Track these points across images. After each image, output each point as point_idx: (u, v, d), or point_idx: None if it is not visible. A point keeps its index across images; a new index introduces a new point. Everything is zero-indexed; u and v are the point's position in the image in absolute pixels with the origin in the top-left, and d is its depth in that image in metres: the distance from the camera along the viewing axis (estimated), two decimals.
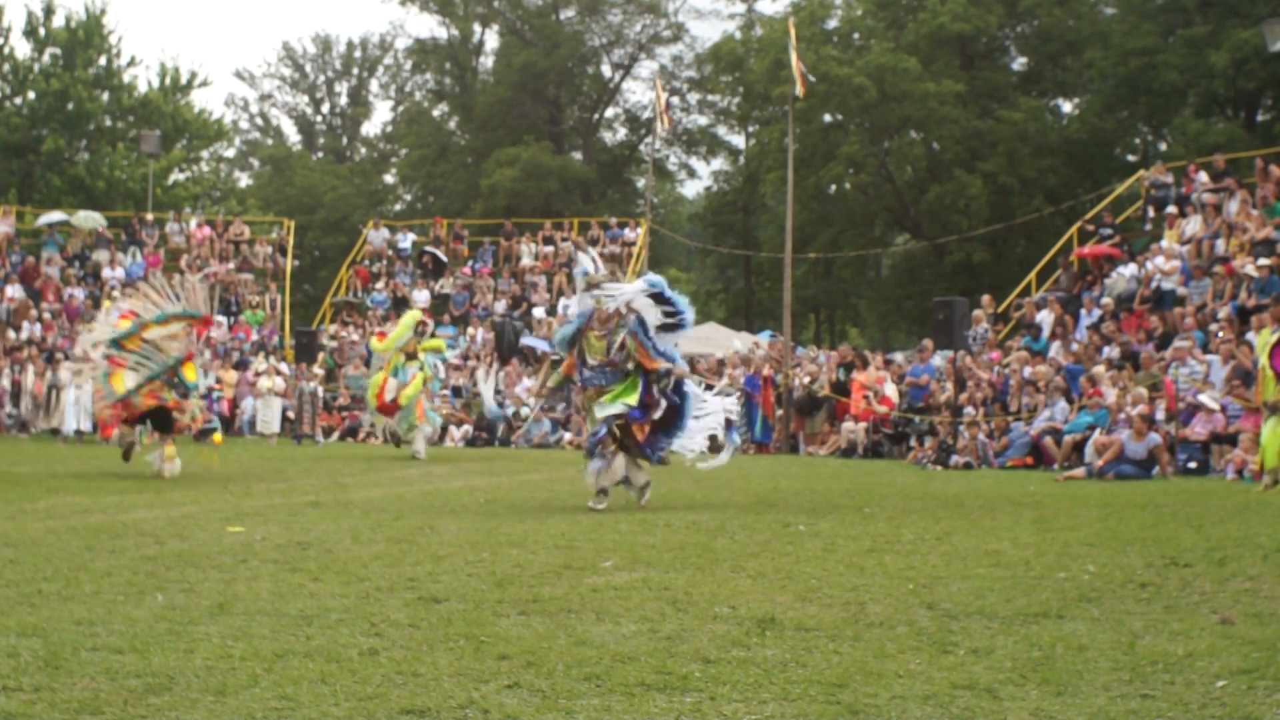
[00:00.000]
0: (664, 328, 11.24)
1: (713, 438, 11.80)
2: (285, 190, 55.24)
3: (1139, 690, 4.39)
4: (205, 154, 51.33)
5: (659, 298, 11.20)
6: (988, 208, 39.22)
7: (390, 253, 34.59)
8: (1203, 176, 23.67)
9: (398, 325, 20.19)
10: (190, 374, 15.38)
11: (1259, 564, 7.45)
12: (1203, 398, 17.09)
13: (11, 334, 29.28)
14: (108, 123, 45.37)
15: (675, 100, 53.52)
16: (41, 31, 44.28)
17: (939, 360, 22.63)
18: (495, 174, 47.95)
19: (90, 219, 33.59)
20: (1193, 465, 16.50)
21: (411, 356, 19.31)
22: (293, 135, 65.21)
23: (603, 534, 9.02)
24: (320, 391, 27.16)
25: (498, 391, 27.40)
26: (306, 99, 64.63)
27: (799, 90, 25.89)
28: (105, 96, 45.12)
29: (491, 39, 56.26)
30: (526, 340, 29.83)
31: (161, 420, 15.29)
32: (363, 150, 64.52)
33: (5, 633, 5.20)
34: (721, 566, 7.36)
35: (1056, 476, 16.21)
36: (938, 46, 41.53)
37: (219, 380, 28.05)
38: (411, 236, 35.40)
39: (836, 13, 45.71)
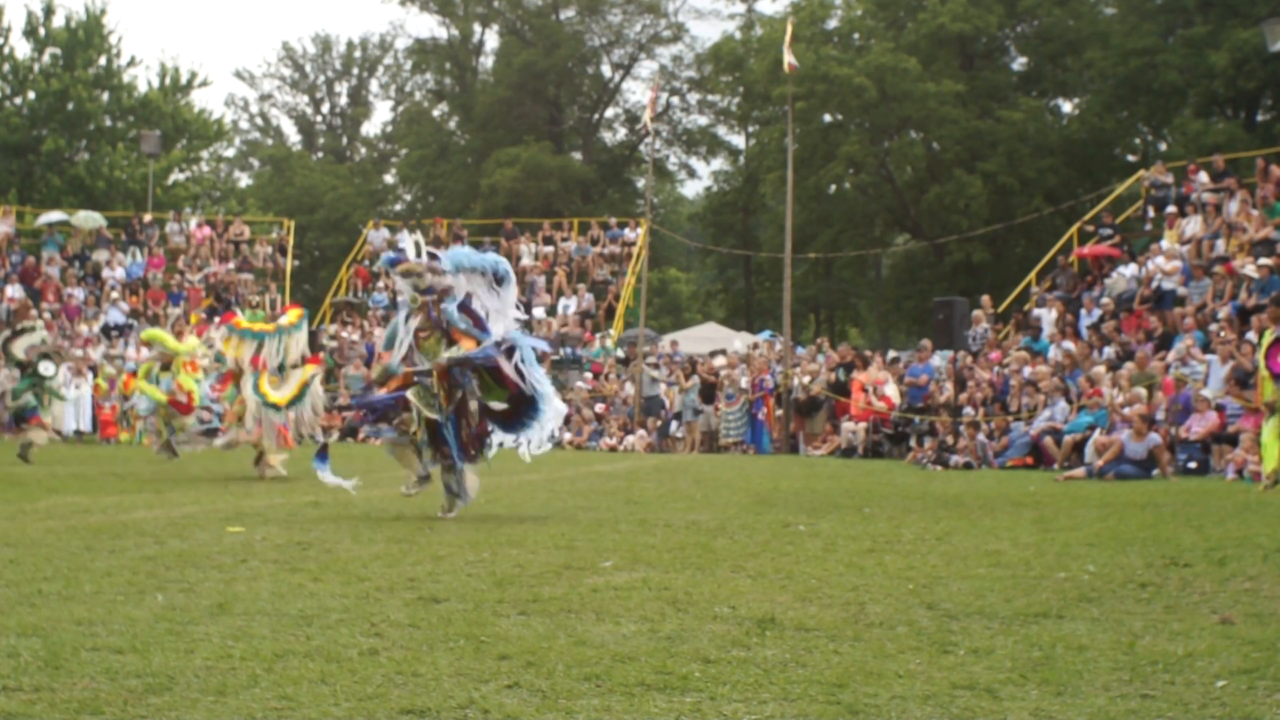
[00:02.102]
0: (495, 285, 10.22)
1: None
2: (285, 190, 55.25)
3: (1139, 690, 4.39)
4: (205, 154, 51.37)
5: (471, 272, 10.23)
6: (988, 208, 39.23)
7: (390, 253, 34.57)
8: (1203, 176, 23.67)
9: (189, 339, 20.59)
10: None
11: (1259, 564, 7.45)
12: (1203, 392, 17.14)
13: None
14: (108, 123, 45.39)
15: (675, 100, 53.59)
16: (41, 31, 44.30)
17: (939, 360, 22.64)
18: (495, 174, 47.96)
19: (90, 219, 33.60)
20: (1193, 465, 16.51)
21: (165, 368, 19.65)
22: (293, 135, 65.26)
23: (603, 534, 9.02)
24: (320, 391, 27.09)
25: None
26: (306, 99, 64.66)
27: (788, 66, 25.95)
28: (105, 96, 45.15)
29: (491, 39, 56.35)
30: None
31: None
32: (363, 150, 64.52)
33: (5, 633, 5.19)
34: (721, 566, 7.35)
35: (1056, 476, 16.21)
36: (938, 46, 41.54)
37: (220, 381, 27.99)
38: (410, 236, 35.38)
39: (836, 13, 45.72)
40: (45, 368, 18.02)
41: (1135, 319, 21.09)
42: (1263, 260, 19.64)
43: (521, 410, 10.21)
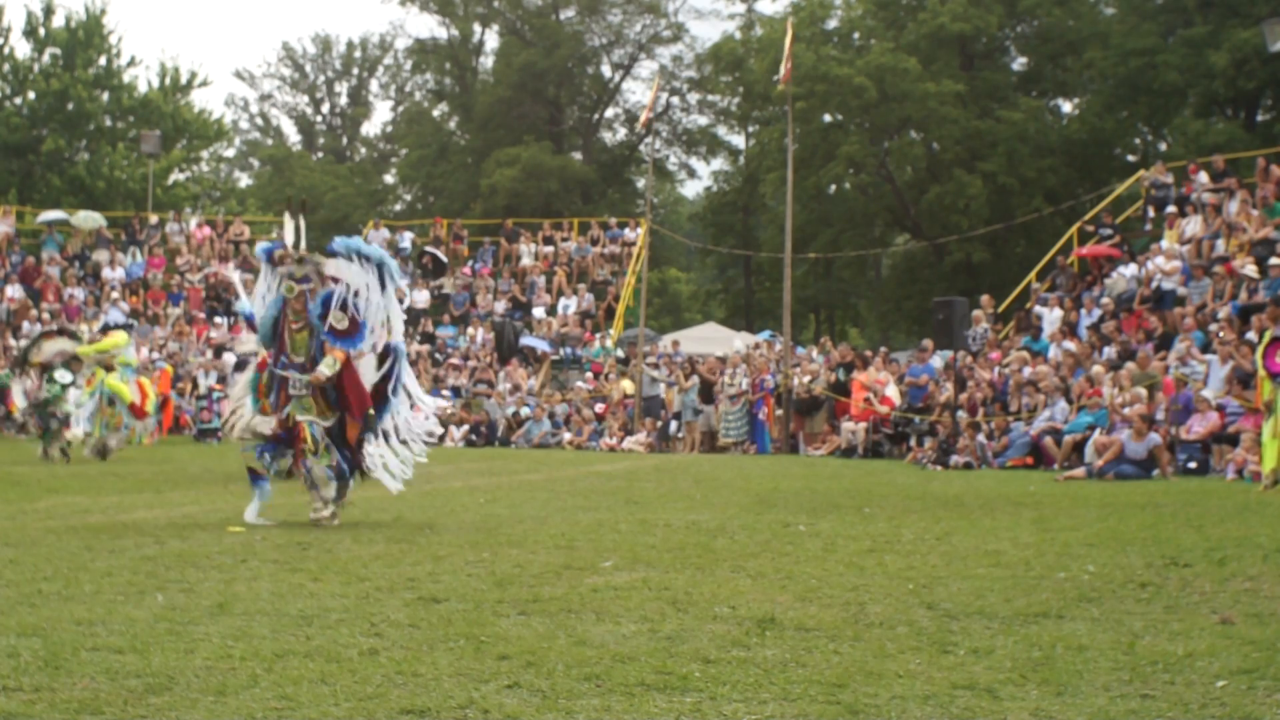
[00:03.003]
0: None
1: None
2: (285, 190, 55.17)
3: (1139, 690, 4.39)
4: (205, 154, 51.37)
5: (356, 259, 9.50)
6: (988, 208, 39.22)
7: (390, 253, 34.57)
8: (1203, 176, 23.66)
9: (111, 338, 20.37)
10: None
11: (1259, 564, 7.45)
12: (1204, 392, 17.15)
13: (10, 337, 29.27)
14: (108, 123, 45.38)
15: (675, 100, 53.59)
16: (41, 31, 44.30)
17: (939, 360, 22.63)
18: (495, 174, 47.96)
19: (90, 219, 33.59)
20: (1193, 465, 16.50)
21: (109, 369, 19.51)
22: (293, 135, 65.30)
23: (603, 534, 9.02)
24: None
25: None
26: (306, 99, 64.69)
27: (781, 78, 25.89)
28: (105, 96, 45.14)
29: (491, 39, 56.37)
30: (526, 340, 29.84)
31: None
32: (363, 150, 64.54)
33: (5, 633, 5.20)
34: (721, 566, 7.36)
35: (1056, 476, 16.21)
36: (938, 46, 41.53)
37: (220, 380, 28.02)
38: (410, 236, 35.38)
39: (836, 13, 45.72)
40: (61, 375, 18.03)
41: (1135, 319, 21.09)
42: (1273, 260, 19.60)
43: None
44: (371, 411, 9.75)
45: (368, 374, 9.75)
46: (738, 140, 53.40)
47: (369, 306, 9.50)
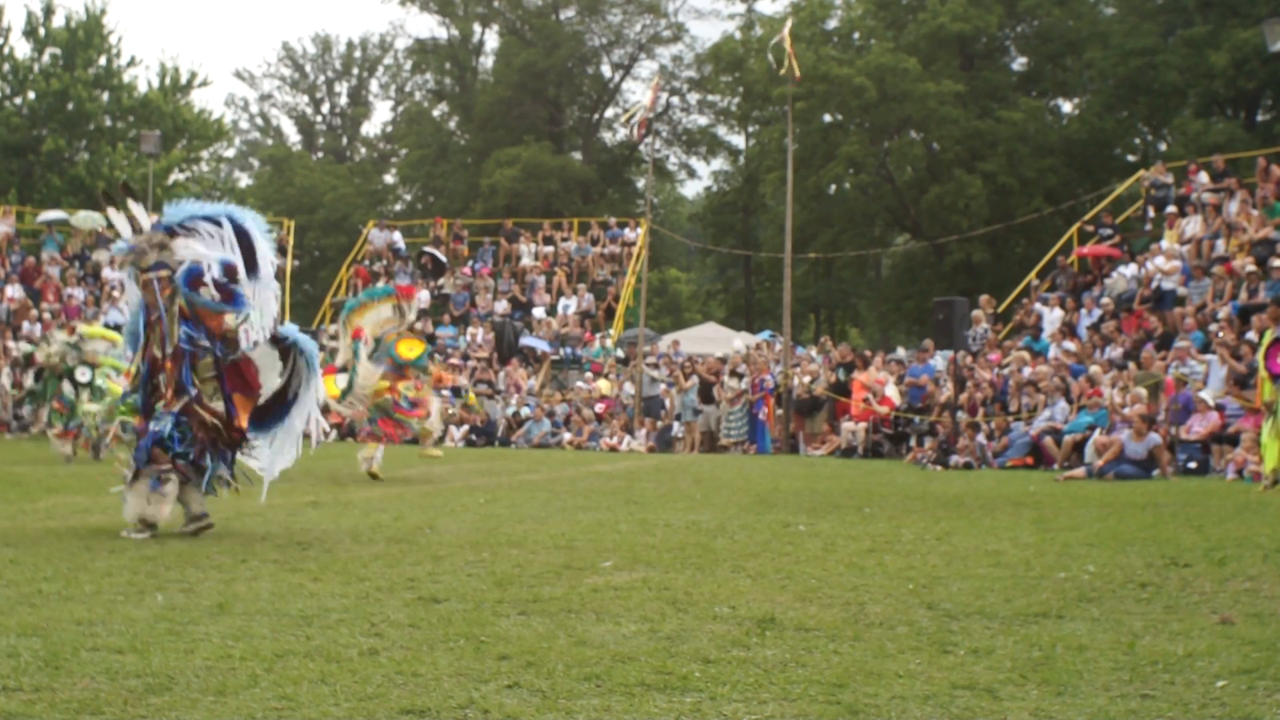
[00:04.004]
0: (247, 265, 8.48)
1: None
2: (285, 190, 55.23)
3: (1139, 690, 4.39)
4: (205, 154, 51.33)
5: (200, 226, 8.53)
6: (988, 208, 39.23)
7: (390, 253, 34.61)
8: (1203, 177, 23.67)
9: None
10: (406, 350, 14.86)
11: (1259, 564, 7.45)
12: (1202, 394, 17.14)
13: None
14: (108, 123, 45.37)
15: (675, 100, 53.59)
16: (41, 31, 44.29)
17: (939, 360, 22.65)
18: (495, 174, 47.96)
19: (90, 219, 33.57)
20: (1193, 465, 16.51)
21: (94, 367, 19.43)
22: (293, 135, 65.25)
23: (603, 534, 9.02)
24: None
25: None
26: (306, 99, 64.64)
27: (786, 73, 25.90)
28: (105, 96, 45.13)
29: (491, 39, 56.35)
30: (526, 340, 29.85)
31: None
32: (363, 150, 64.51)
33: (5, 633, 5.19)
34: (721, 566, 7.36)
35: (1056, 476, 16.21)
36: (938, 46, 41.54)
37: None
38: (398, 234, 35.37)
39: (836, 13, 45.74)
40: (82, 373, 17.94)
41: (1135, 319, 21.10)
42: (1276, 262, 19.60)
43: (274, 407, 8.83)
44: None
45: (269, 371, 8.83)
46: (738, 140, 53.45)
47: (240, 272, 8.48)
